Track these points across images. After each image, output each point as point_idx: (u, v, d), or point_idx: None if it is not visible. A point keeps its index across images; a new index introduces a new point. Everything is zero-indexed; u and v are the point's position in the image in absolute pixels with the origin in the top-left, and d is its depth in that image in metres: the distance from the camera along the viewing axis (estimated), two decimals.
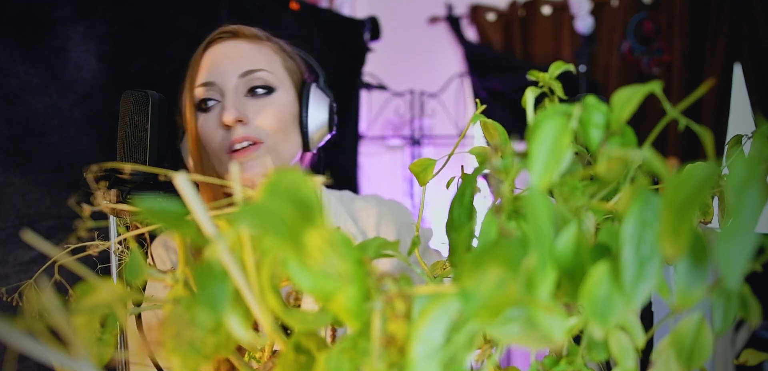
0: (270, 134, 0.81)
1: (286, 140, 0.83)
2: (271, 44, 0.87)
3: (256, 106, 0.80)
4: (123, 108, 0.65)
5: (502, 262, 0.24)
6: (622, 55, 2.26)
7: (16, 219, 0.99)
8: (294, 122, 0.85)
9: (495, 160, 0.30)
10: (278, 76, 0.84)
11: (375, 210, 0.94)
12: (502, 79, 2.42)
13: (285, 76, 0.85)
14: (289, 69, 0.87)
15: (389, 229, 0.93)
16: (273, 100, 0.82)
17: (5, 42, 0.98)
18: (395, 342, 0.25)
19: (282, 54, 0.87)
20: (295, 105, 0.86)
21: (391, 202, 0.98)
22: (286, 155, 0.84)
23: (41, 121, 1.02)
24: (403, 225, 0.95)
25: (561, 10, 2.40)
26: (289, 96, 0.84)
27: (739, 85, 2.10)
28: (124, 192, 0.60)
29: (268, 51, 0.85)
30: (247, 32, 0.85)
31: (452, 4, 2.55)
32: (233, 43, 0.83)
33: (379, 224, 0.93)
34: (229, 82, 0.80)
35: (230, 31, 0.84)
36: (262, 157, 0.79)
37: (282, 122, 0.82)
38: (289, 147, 0.84)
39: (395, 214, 0.95)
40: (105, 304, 0.31)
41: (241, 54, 0.82)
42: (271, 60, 0.84)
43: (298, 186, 0.24)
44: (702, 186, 0.23)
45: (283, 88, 0.84)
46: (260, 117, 0.80)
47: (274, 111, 0.81)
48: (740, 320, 0.50)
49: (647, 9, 2.24)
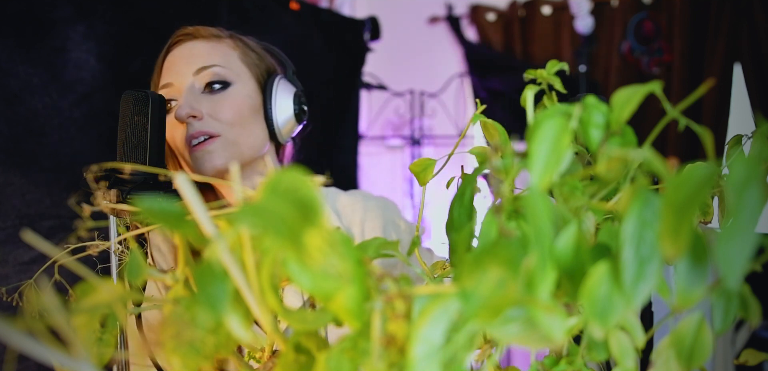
0: (226, 127, 0.82)
1: (245, 133, 0.84)
2: (230, 41, 0.88)
3: (211, 101, 0.82)
4: (123, 108, 0.65)
5: (502, 262, 0.24)
6: (622, 55, 2.26)
7: (16, 219, 0.99)
8: (254, 114, 0.86)
9: (495, 160, 0.30)
10: (234, 70, 0.85)
11: (360, 206, 0.94)
12: (502, 79, 2.42)
13: (243, 70, 0.86)
14: (250, 63, 0.88)
15: (374, 225, 0.93)
16: (228, 94, 0.83)
17: (5, 42, 0.98)
18: (395, 342, 0.25)
19: (241, 49, 0.88)
20: (257, 97, 0.86)
21: (379, 198, 0.97)
22: (247, 148, 0.85)
23: (41, 121, 1.02)
24: (388, 222, 0.94)
25: (561, 10, 2.40)
26: (247, 89, 0.86)
27: (739, 85, 2.10)
28: (124, 192, 0.60)
29: (225, 47, 0.87)
30: (204, 32, 0.87)
31: (452, 4, 2.55)
32: (191, 44, 0.86)
33: (364, 220, 0.93)
34: (185, 81, 0.83)
35: (188, 32, 0.87)
36: (219, 150, 0.81)
37: (238, 115, 0.83)
38: (251, 140, 0.85)
39: (381, 210, 0.95)
40: (105, 304, 0.31)
41: (197, 53, 0.84)
42: (227, 55, 0.86)
43: (298, 187, 0.24)
44: (702, 186, 0.23)
45: (241, 82, 0.85)
46: (215, 111, 0.82)
47: (229, 104, 0.83)
48: (740, 320, 0.50)
49: (647, 9, 2.24)
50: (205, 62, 0.83)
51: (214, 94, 0.83)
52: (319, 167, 1.00)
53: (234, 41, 0.88)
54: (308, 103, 0.92)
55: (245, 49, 0.88)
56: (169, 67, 0.85)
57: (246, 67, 0.87)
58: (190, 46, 0.85)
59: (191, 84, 0.82)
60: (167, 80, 0.84)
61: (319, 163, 1.14)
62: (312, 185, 0.24)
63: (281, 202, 0.23)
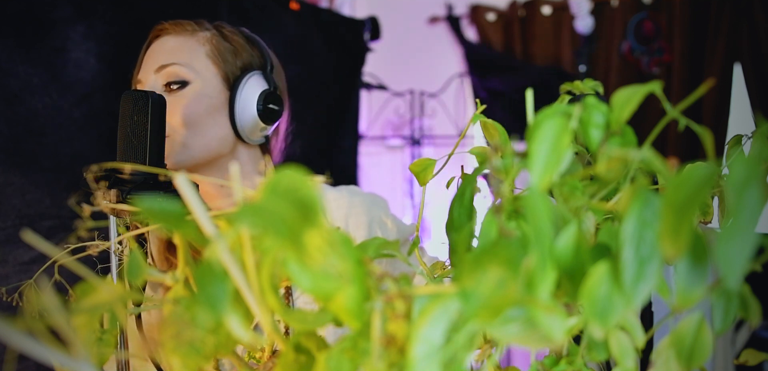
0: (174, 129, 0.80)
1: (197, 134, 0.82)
2: (203, 35, 0.85)
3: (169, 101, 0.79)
4: (123, 108, 0.65)
5: (502, 262, 0.24)
6: (622, 55, 2.26)
7: (16, 219, 0.99)
8: (212, 114, 0.83)
9: (495, 160, 0.30)
10: (196, 68, 0.82)
11: (345, 202, 0.91)
12: (502, 79, 2.43)
13: (208, 67, 0.83)
14: (219, 59, 0.84)
15: (358, 221, 0.90)
16: (183, 95, 0.81)
17: (5, 42, 0.98)
18: (395, 342, 0.25)
19: (215, 43, 0.85)
20: (219, 96, 0.83)
21: (366, 194, 0.95)
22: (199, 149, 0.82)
23: (41, 121, 1.01)
24: (374, 219, 0.91)
25: (561, 10, 2.40)
26: (208, 88, 0.83)
27: (739, 85, 2.10)
28: (124, 192, 0.60)
29: (193, 43, 0.84)
30: (176, 28, 0.85)
31: (452, 4, 2.55)
32: (162, 40, 0.84)
33: (348, 216, 0.90)
34: (148, 79, 0.82)
35: (165, 27, 0.85)
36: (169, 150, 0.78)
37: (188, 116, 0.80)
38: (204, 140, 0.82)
39: (367, 206, 0.92)
40: (105, 304, 0.31)
41: (164, 50, 0.83)
42: (194, 51, 0.83)
43: (298, 186, 0.24)
44: (702, 186, 0.23)
45: (201, 80, 0.82)
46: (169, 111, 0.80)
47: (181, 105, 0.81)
48: (740, 320, 0.50)
49: (647, 9, 2.24)
50: (166, 60, 0.81)
51: (171, 93, 0.81)
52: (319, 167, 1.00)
53: (209, 35, 0.85)
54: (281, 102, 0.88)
55: (220, 43, 0.85)
56: (144, 63, 0.84)
57: (213, 63, 0.84)
58: (163, 41, 0.84)
59: (154, 82, 0.81)
60: (139, 76, 0.83)
61: (319, 163, 1.14)
62: (312, 185, 0.24)
63: (281, 202, 0.23)
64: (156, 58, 0.82)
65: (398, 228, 0.94)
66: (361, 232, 0.90)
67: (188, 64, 0.82)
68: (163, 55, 0.82)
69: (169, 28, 0.85)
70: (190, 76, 0.82)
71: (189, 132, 0.81)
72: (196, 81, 0.82)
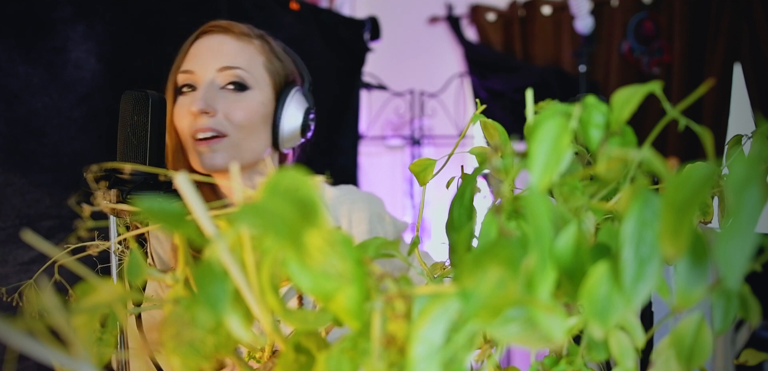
0: (235, 129, 0.84)
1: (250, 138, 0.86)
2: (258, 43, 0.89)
3: (227, 100, 0.84)
4: (123, 108, 0.65)
5: (502, 262, 0.24)
6: (622, 55, 2.26)
7: (16, 219, 0.99)
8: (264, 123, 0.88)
9: (495, 160, 0.30)
10: (256, 76, 0.87)
11: (347, 199, 0.96)
12: (502, 79, 2.42)
13: (264, 77, 0.88)
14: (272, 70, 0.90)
15: (360, 217, 0.95)
16: (245, 98, 0.85)
17: (5, 42, 0.98)
18: (395, 342, 0.25)
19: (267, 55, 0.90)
20: (270, 105, 0.88)
21: (365, 193, 1.00)
22: (249, 152, 0.87)
23: (41, 121, 1.01)
24: (374, 214, 0.97)
25: (561, 10, 2.40)
26: (263, 96, 0.87)
27: (739, 85, 2.10)
28: (124, 192, 0.60)
29: (252, 50, 0.88)
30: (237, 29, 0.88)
31: (452, 4, 2.55)
32: (221, 38, 0.87)
33: (351, 211, 0.95)
34: (207, 74, 0.84)
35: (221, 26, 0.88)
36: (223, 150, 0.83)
37: (249, 120, 0.85)
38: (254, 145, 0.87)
39: (367, 203, 0.97)
40: (105, 304, 0.31)
41: (225, 50, 0.86)
42: (253, 59, 0.88)
43: (298, 186, 0.24)
44: (702, 186, 0.23)
45: (259, 88, 0.87)
46: (229, 111, 0.84)
47: (243, 107, 0.84)
48: (740, 320, 0.50)
49: (647, 9, 2.24)
50: (230, 62, 0.85)
51: (230, 93, 0.84)
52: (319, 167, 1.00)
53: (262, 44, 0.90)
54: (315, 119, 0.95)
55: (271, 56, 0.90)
56: (195, 55, 0.86)
57: (267, 74, 0.89)
58: (220, 39, 0.87)
59: (212, 79, 0.84)
60: (189, 67, 0.85)
61: (319, 162, 1.14)
62: (312, 185, 0.24)
63: (281, 202, 0.23)
64: (216, 57, 0.85)
65: (394, 224, 0.99)
66: (363, 227, 0.94)
67: (249, 70, 0.86)
68: (225, 56, 0.85)
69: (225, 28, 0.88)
70: (251, 83, 0.86)
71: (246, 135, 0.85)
72: (255, 88, 0.87)
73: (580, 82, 2.00)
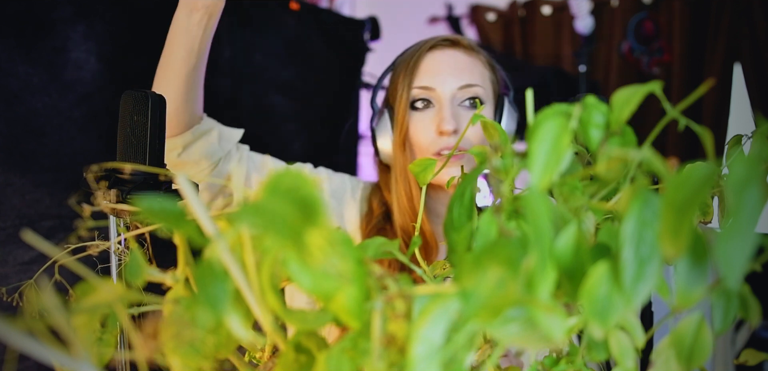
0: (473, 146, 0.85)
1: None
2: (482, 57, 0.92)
3: (466, 118, 0.86)
4: (123, 108, 0.65)
5: (502, 262, 0.24)
6: (622, 55, 2.26)
7: (16, 219, 0.99)
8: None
9: (495, 160, 0.30)
10: (487, 90, 0.90)
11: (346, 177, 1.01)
12: None
13: (490, 90, 0.91)
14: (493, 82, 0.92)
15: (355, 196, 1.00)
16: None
17: (5, 42, 0.98)
18: (395, 342, 0.25)
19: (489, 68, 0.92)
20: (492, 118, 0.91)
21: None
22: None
23: (41, 121, 1.01)
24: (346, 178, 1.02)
25: (561, 10, 2.40)
26: (489, 111, 0.90)
27: (739, 85, 2.10)
28: (124, 192, 0.59)
29: (481, 65, 0.91)
30: (465, 43, 0.91)
31: (452, 4, 2.54)
32: (452, 53, 0.89)
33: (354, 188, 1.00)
34: (448, 91, 0.86)
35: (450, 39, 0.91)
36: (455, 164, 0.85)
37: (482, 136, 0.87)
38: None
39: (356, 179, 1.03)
40: (105, 304, 0.31)
41: (460, 66, 0.88)
42: (483, 74, 0.90)
43: (298, 186, 0.24)
44: (702, 186, 0.23)
45: (489, 103, 0.90)
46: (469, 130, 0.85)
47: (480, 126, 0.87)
48: (740, 320, 0.50)
49: (647, 9, 2.24)
50: (470, 80, 0.87)
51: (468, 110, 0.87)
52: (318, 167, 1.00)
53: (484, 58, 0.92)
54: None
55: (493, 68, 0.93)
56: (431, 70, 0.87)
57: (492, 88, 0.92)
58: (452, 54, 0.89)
59: (453, 95, 0.86)
60: (428, 83, 0.87)
61: (320, 162, 1.15)
62: (313, 185, 0.24)
63: (282, 202, 0.23)
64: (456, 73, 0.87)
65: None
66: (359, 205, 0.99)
67: (484, 87, 0.89)
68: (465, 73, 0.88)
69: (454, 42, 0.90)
70: (485, 98, 0.89)
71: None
72: (487, 103, 0.90)
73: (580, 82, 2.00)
